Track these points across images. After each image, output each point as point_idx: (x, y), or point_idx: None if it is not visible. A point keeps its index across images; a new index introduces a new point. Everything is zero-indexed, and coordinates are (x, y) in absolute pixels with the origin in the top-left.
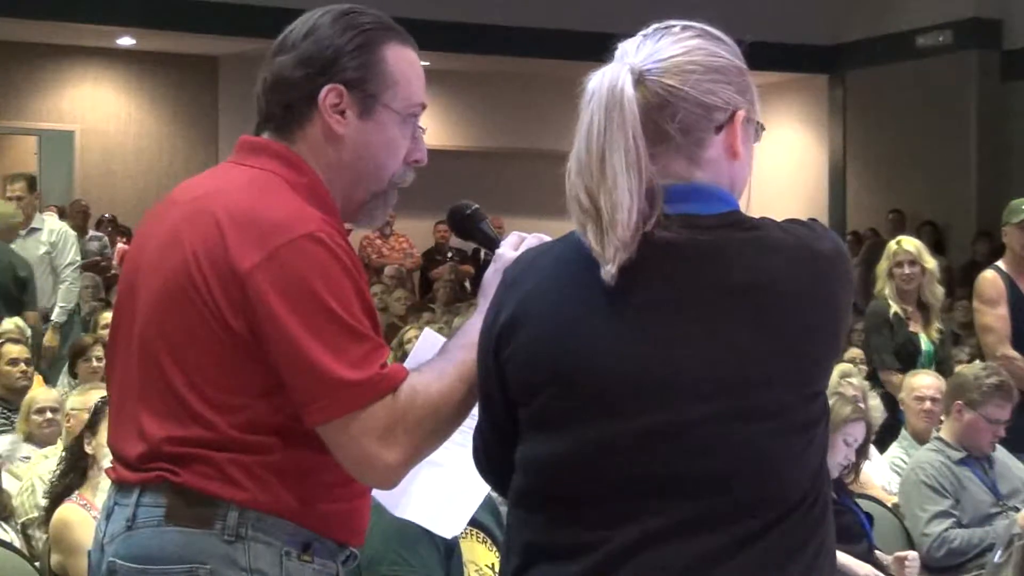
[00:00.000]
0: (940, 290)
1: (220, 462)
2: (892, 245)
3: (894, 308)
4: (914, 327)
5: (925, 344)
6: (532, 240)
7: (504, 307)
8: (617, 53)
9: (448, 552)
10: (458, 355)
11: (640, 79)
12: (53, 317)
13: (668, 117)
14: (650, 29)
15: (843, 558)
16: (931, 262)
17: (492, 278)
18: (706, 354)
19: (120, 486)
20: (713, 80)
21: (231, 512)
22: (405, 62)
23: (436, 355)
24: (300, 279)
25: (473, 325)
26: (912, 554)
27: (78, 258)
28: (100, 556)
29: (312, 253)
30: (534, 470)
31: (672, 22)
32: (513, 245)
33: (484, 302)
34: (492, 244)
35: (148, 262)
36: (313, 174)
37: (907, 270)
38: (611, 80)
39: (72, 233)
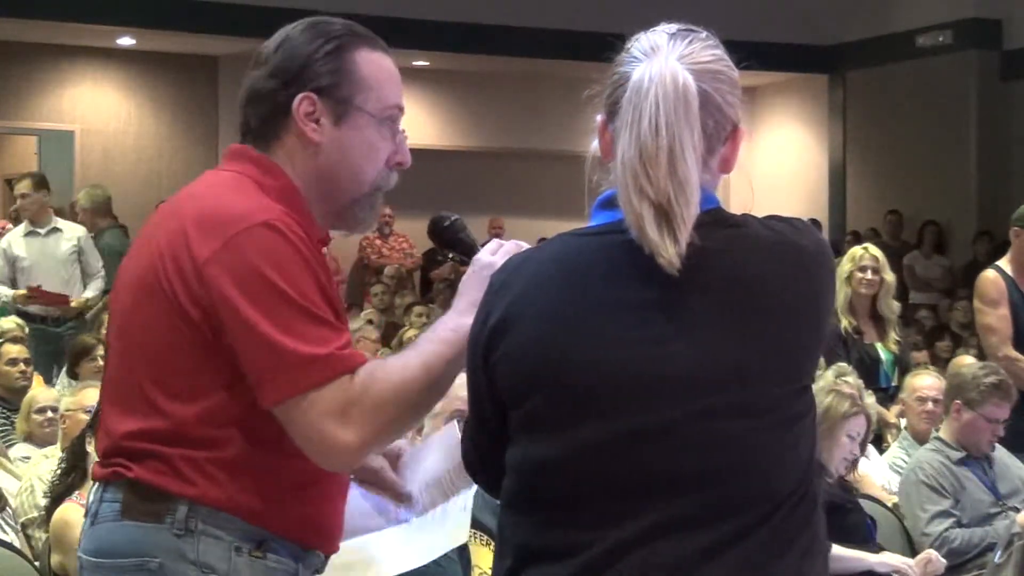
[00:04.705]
0: (896, 305)
1: (171, 457)
2: (858, 250)
3: (844, 323)
4: (869, 339)
5: (884, 353)
6: (510, 246)
7: (492, 311)
8: (642, 46)
9: (459, 552)
10: (426, 347)
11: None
12: (87, 295)
13: (703, 119)
14: (673, 29)
15: (856, 552)
16: (891, 276)
17: (469, 280)
18: (693, 351)
19: (94, 482)
20: (732, 92)
21: (181, 506)
22: (376, 65)
23: (407, 347)
24: (252, 264)
25: (444, 323)
26: (934, 553)
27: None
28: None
29: (267, 239)
30: (525, 472)
31: (693, 27)
32: (491, 251)
33: (459, 302)
34: (472, 252)
35: (126, 267)
36: (286, 179)
37: (869, 276)
38: (672, 74)
39: (89, 236)
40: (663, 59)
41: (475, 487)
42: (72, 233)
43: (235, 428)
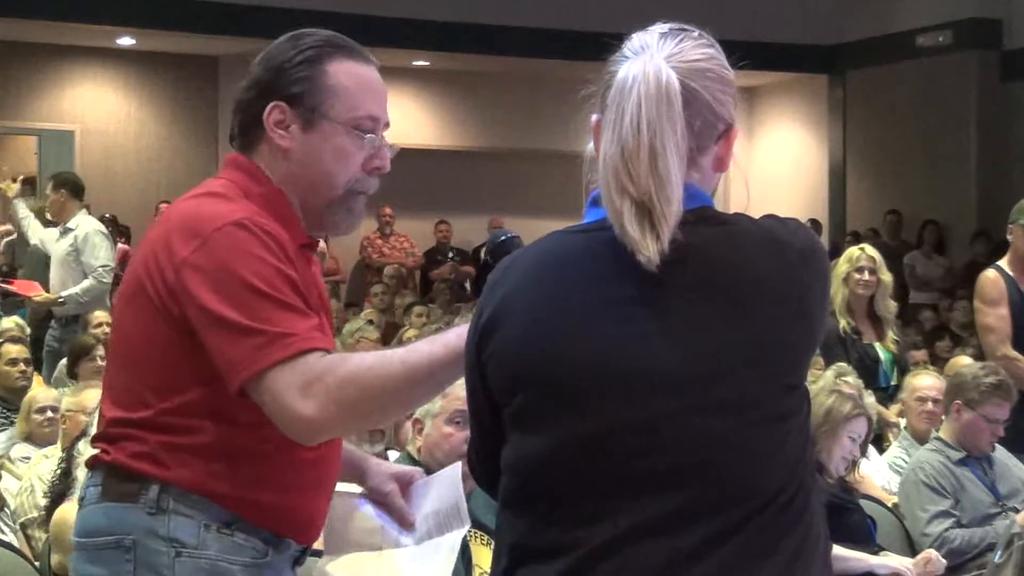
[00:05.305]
0: (893, 305)
1: (149, 442)
2: (854, 251)
3: (843, 323)
4: (868, 339)
5: (884, 353)
6: None
7: (486, 308)
8: (633, 46)
9: (461, 552)
10: (419, 345)
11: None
12: (63, 293)
13: (690, 117)
14: (665, 28)
15: (857, 553)
16: (888, 276)
17: None
18: (681, 348)
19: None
20: (723, 91)
21: (153, 486)
22: (349, 75)
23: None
24: (222, 261)
25: (454, 329)
26: (934, 553)
27: (111, 263)
28: None
29: (236, 236)
30: (517, 470)
31: (686, 26)
32: None
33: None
34: None
35: (128, 267)
36: (271, 185)
37: (867, 276)
38: (655, 72)
39: (97, 234)
40: (648, 57)
41: (466, 528)
42: (74, 232)
43: (212, 419)
